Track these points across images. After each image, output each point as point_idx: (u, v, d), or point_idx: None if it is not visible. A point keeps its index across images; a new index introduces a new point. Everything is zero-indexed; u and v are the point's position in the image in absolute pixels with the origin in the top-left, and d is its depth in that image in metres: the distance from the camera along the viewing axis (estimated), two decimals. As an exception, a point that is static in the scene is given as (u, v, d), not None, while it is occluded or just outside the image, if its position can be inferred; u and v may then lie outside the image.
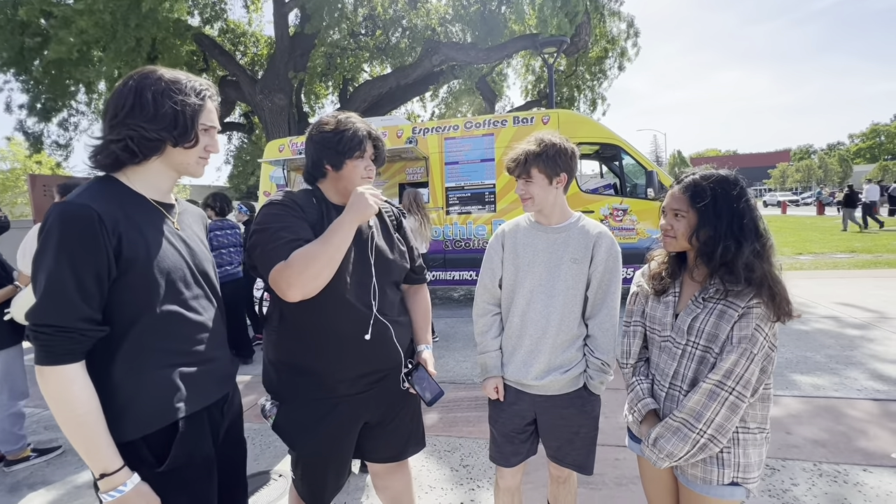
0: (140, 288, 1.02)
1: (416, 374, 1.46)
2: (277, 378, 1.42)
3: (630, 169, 6.80)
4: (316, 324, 1.35)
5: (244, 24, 13.90)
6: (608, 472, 2.41)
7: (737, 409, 1.16)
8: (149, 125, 1.03)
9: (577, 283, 1.55)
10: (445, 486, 2.41)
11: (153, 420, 1.02)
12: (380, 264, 1.43)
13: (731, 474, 1.22)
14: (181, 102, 1.06)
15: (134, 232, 1.02)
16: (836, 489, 2.20)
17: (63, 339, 0.93)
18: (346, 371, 1.38)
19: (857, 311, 5.26)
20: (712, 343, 1.21)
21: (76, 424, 0.94)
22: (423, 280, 1.67)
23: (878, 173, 47.00)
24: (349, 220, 1.26)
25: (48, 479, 2.67)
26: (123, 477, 0.96)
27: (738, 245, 1.17)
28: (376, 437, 1.53)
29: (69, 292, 0.93)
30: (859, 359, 3.86)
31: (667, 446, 1.21)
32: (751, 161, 77.08)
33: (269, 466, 2.70)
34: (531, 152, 1.53)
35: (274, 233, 1.27)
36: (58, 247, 0.93)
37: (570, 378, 1.56)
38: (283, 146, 7.18)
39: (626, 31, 13.59)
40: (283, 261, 1.20)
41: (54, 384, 0.94)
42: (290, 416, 1.40)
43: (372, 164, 1.46)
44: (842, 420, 2.87)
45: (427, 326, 1.61)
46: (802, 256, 9.60)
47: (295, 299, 1.22)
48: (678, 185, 1.29)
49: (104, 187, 1.05)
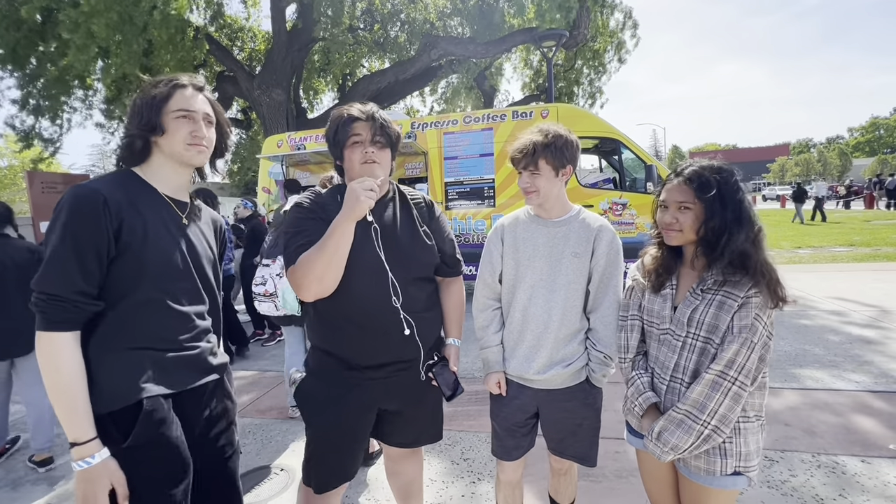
0: (130, 270, 1.09)
1: (439, 368, 1.47)
2: (312, 356, 1.52)
3: (629, 163, 6.78)
4: (339, 316, 1.40)
5: (241, 20, 13.79)
6: (608, 464, 2.42)
7: (739, 399, 1.17)
8: (129, 126, 1.16)
9: (579, 278, 1.54)
10: (446, 480, 2.42)
11: (118, 397, 1.07)
12: (396, 259, 1.40)
13: (734, 464, 1.23)
14: (147, 95, 1.15)
15: (135, 218, 1.10)
16: (833, 480, 2.22)
17: (57, 307, 1.01)
18: (368, 360, 1.42)
19: (856, 305, 5.28)
20: (713, 334, 1.22)
21: (59, 390, 1.00)
22: (458, 273, 1.63)
23: (877, 167, 46.97)
24: (343, 220, 1.28)
25: (51, 476, 2.69)
26: (93, 449, 1.01)
27: (739, 233, 1.18)
28: (394, 423, 1.56)
29: (69, 266, 1.01)
30: (857, 351, 3.87)
31: (671, 439, 1.22)
32: (750, 155, 76.89)
33: (271, 461, 2.72)
34: (539, 143, 1.49)
35: (291, 237, 1.35)
36: (64, 224, 1.03)
37: (573, 372, 1.56)
38: (281, 141, 7.15)
39: (624, 22, 13.51)
40: (293, 265, 1.29)
41: (46, 349, 1.01)
42: (312, 385, 1.47)
43: (372, 147, 1.38)
44: (840, 412, 2.89)
45: (459, 320, 1.60)
46: (801, 250, 9.60)
47: (309, 300, 1.31)
48: (679, 177, 1.28)
49: (120, 177, 1.16)
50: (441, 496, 2.29)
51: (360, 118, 1.38)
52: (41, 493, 2.52)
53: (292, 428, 3.10)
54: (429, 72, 12.52)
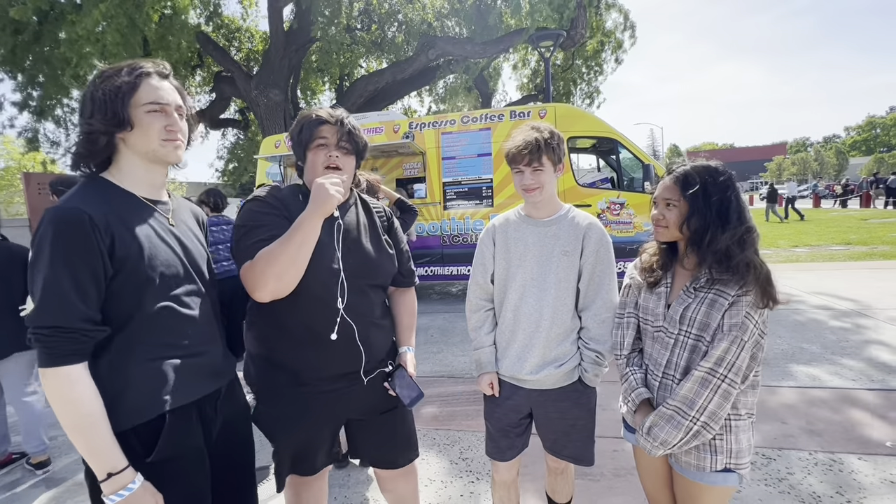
0: (132, 284, 1.03)
1: (396, 376, 1.43)
2: (256, 372, 1.41)
3: (627, 163, 6.80)
4: (288, 319, 1.32)
5: (239, 20, 13.78)
6: (606, 463, 2.43)
7: (728, 396, 1.18)
8: (89, 120, 1.04)
9: (569, 276, 1.54)
10: (445, 480, 2.42)
11: (142, 411, 1.03)
12: (356, 262, 1.37)
13: (724, 460, 1.24)
14: (109, 86, 1.04)
15: (126, 230, 1.02)
16: (831, 477, 2.23)
17: (64, 339, 0.93)
18: (319, 369, 1.36)
19: (853, 303, 5.30)
20: (704, 332, 1.23)
21: (80, 426, 0.94)
22: (412, 283, 1.63)
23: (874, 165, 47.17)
24: (310, 215, 1.22)
25: (50, 479, 2.68)
26: (130, 476, 0.96)
27: (724, 232, 1.20)
28: (363, 434, 1.52)
29: (67, 293, 0.94)
30: (855, 349, 3.89)
31: (661, 434, 1.23)
32: (747, 154, 77.04)
33: (269, 462, 2.71)
34: (543, 139, 1.49)
35: (248, 231, 1.26)
36: (52, 250, 0.94)
37: (565, 372, 1.56)
38: (279, 142, 7.14)
39: (623, 23, 13.55)
40: (250, 260, 1.20)
41: (57, 385, 0.93)
42: (267, 410, 1.39)
43: (337, 152, 1.36)
44: (837, 409, 2.90)
45: (411, 329, 1.58)
46: (798, 249, 9.63)
47: (264, 300, 1.20)
48: (669, 175, 1.31)
49: (93, 188, 1.05)
50: (440, 496, 2.29)
51: (329, 121, 1.36)
52: (38, 495, 2.51)
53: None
54: (426, 72, 12.52)
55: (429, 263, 6.57)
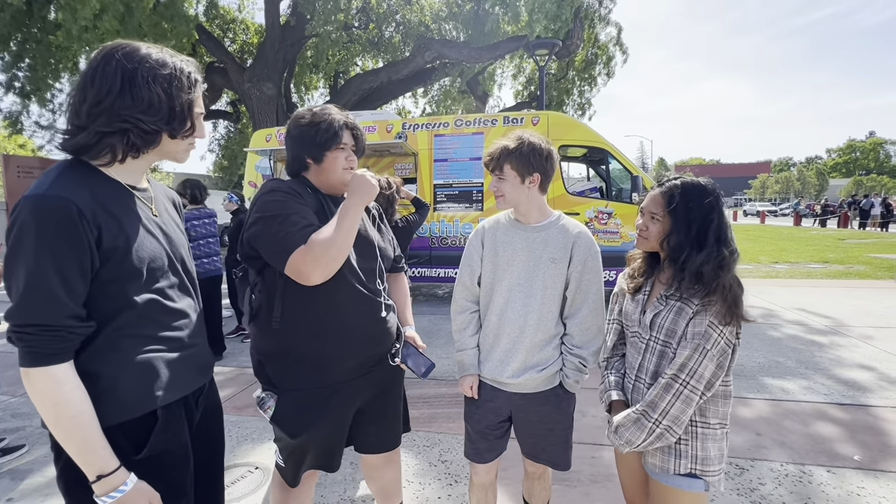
0: (119, 278, 0.98)
1: (407, 351, 1.54)
2: (275, 369, 1.41)
3: (616, 173, 6.90)
4: (321, 310, 1.37)
5: (234, 11, 13.63)
6: (584, 469, 2.45)
7: (690, 402, 1.23)
8: (145, 117, 0.96)
9: (556, 283, 1.55)
10: (423, 481, 2.42)
11: (133, 407, 0.99)
12: (380, 249, 1.52)
13: (689, 465, 1.28)
14: (176, 91, 0.99)
15: (112, 221, 0.97)
16: (800, 489, 2.28)
17: (50, 338, 0.88)
18: (349, 357, 1.43)
19: (829, 320, 5.44)
20: (671, 338, 1.29)
21: (69, 427, 0.89)
22: (402, 269, 1.77)
23: (853, 188, 48.73)
24: (355, 204, 1.29)
25: (32, 468, 2.60)
26: (122, 476, 0.93)
27: (699, 253, 1.23)
28: (367, 424, 1.56)
29: (54, 290, 0.88)
30: (827, 365, 3.99)
31: (626, 434, 1.31)
32: (733, 171, 78.75)
33: (245, 459, 2.67)
34: (506, 148, 1.53)
35: (286, 218, 1.26)
36: (36, 243, 0.87)
37: (546, 376, 1.57)
38: (269, 136, 7.07)
39: (617, 37, 13.78)
40: (304, 245, 1.21)
41: (43, 386, 0.88)
42: (291, 406, 1.40)
43: (353, 154, 1.46)
44: (808, 423, 2.97)
45: (408, 310, 1.71)
46: (778, 265, 9.87)
47: (317, 282, 1.24)
48: (658, 188, 1.35)
49: (76, 173, 0.97)
50: (418, 497, 2.29)
51: (352, 128, 1.46)
52: (3, 490, 2.43)
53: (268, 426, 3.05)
54: (422, 73, 12.54)
55: (417, 265, 6.56)
